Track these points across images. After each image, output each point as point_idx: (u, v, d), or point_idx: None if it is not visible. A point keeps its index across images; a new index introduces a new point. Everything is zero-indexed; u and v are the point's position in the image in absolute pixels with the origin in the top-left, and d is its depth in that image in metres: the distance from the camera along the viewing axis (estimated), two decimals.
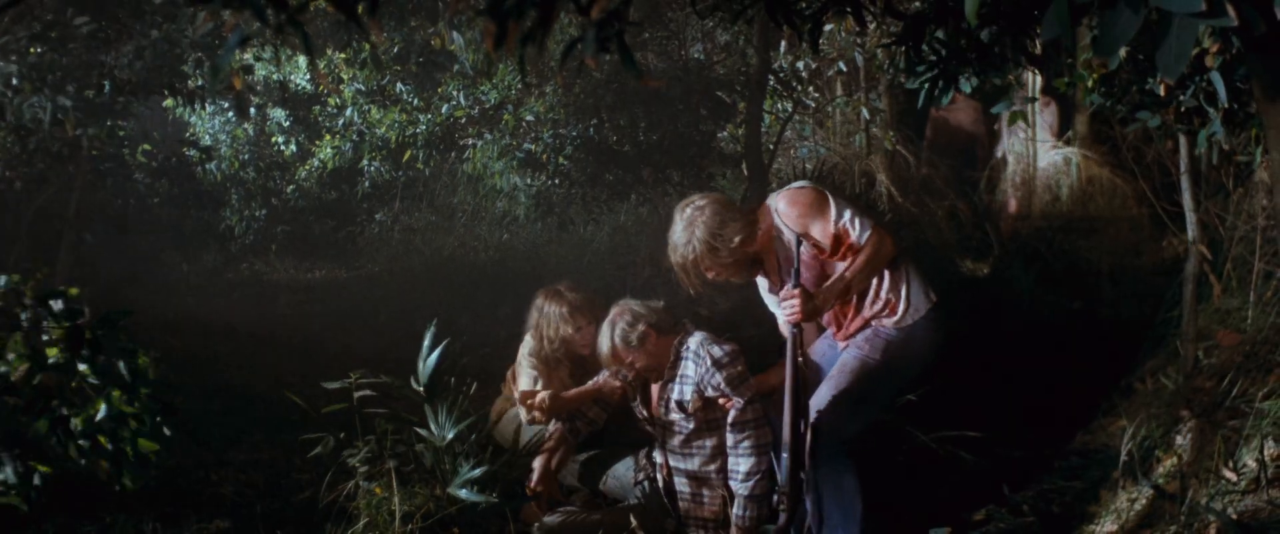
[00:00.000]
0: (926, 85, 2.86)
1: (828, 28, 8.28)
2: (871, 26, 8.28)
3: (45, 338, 4.02)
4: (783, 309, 3.71)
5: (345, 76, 11.82)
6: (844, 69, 9.14)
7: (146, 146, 7.23)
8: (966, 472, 5.00)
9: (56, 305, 3.95)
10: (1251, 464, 3.90)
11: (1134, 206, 9.51)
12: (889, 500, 4.78)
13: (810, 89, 9.30)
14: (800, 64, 8.58)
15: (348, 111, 11.69)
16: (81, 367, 4.04)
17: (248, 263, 10.81)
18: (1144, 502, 4.06)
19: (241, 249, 10.89)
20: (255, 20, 1.65)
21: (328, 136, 11.86)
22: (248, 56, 9.27)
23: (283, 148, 11.67)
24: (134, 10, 5.59)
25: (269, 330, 7.90)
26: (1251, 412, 4.00)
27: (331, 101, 11.80)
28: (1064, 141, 9.75)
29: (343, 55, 10.84)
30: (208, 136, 11.17)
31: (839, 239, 3.83)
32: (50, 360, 4.00)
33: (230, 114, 11.21)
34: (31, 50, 5.64)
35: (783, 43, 8.02)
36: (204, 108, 8.72)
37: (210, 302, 8.48)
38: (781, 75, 8.22)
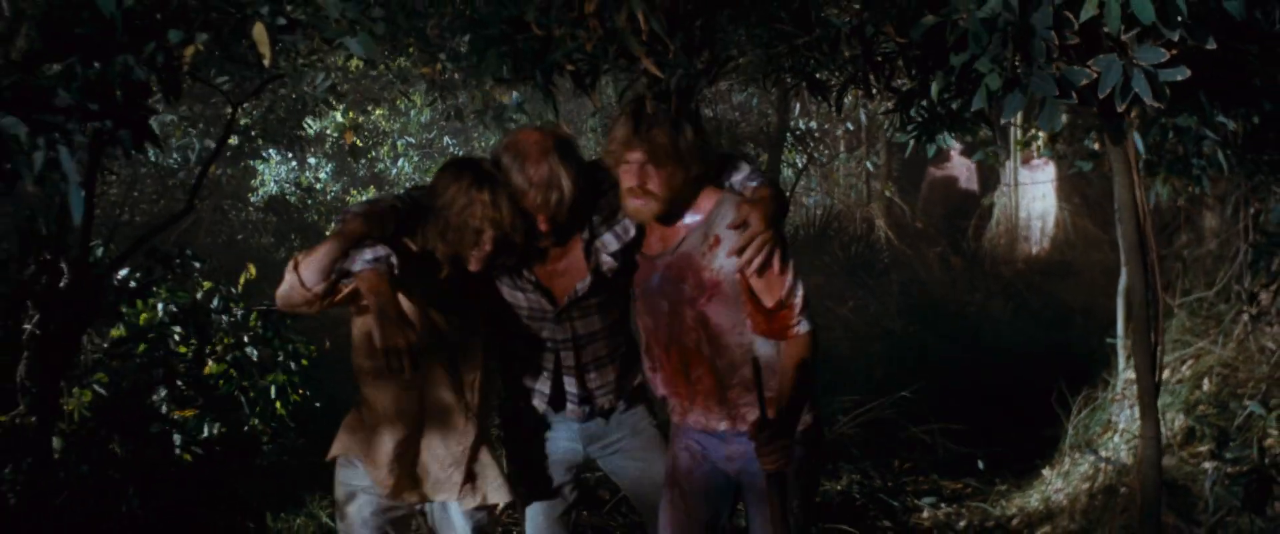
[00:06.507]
0: (912, 140, 4.06)
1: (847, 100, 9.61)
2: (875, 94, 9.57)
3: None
4: (767, 454, 2.63)
5: (387, 129, 13.10)
6: (851, 128, 10.42)
7: (263, 185, 8.47)
8: (949, 455, 6.16)
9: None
10: (1168, 434, 5.07)
11: (1107, 252, 10.71)
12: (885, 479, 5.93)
13: (820, 146, 10.59)
14: (812, 124, 9.86)
15: (399, 162, 13.00)
16: (252, 353, 5.33)
17: None
18: (1085, 465, 5.22)
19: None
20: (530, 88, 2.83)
21: (371, 188, 13.16)
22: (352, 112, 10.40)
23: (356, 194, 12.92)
24: (261, 69, 6.82)
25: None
26: (1170, 392, 5.19)
27: (385, 152, 13.10)
28: (1042, 195, 11.01)
29: (380, 111, 12.08)
30: (273, 183, 12.43)
31: (783, 305, 2.80)
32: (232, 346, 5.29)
33: (294, 163, 12.46)
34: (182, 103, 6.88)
35: (796, 104, 9.29)
36: (309, 156, 9.96)
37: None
38: (797, 133, 9.49)
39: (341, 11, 3.23)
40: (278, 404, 5.13)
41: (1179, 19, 2.44)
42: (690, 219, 2.86)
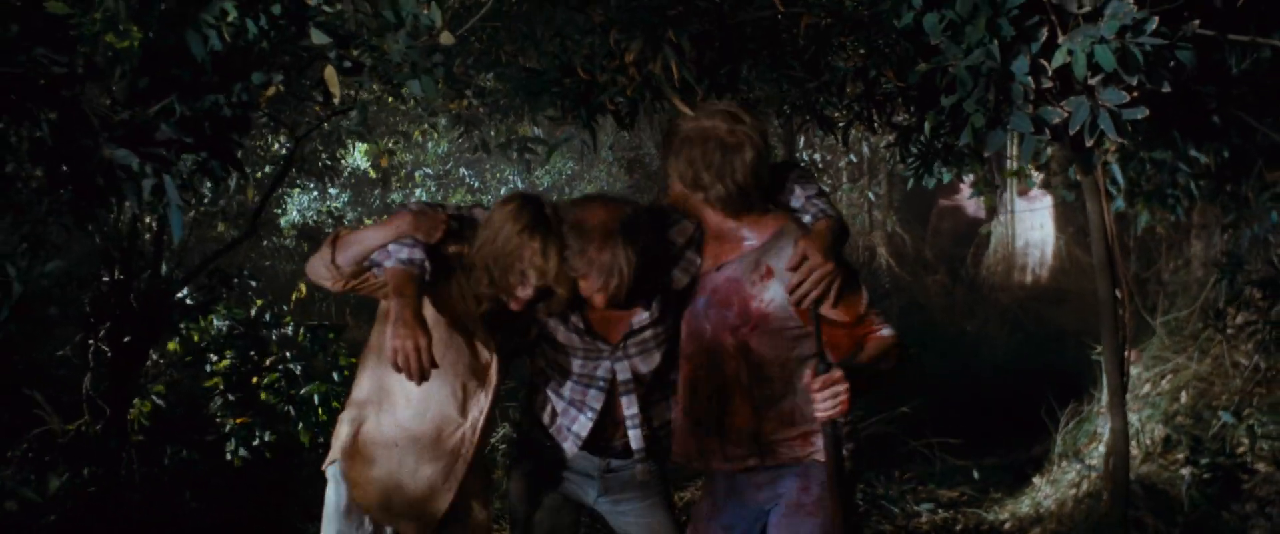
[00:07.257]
0: (912, 172, 4.48)
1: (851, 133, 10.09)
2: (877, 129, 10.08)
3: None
4: (823, 400, 2.52)
5: (401, 160, 13.54)
6: (854, 160, 10.86)
7: (284, 215, 8.89)
8: (947, 466, 6.54)
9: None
10: (1149, 442, 5.46)
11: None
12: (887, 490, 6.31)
13: (824, 177, 11.02)
14: (817, 155, 10.29)
15: (417, 193, 13.43)
16: (295, 368, 5.72)
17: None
18: (1072, 472, 5.60)
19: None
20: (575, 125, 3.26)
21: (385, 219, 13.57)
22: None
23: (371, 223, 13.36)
24: (328, 104, 7.21)
25: None
26: (1150, 404, 5.58)
27: (398, 181, 13.54)
28: (1039, 224, 11.43)
29: (392, 143, 12.52)
30: (296, 211, 12.85)
31: (862, 319, 2.76)
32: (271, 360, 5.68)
33: (315, 193, 12.89)
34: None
35: (801, 137, 9.71)
36: (332, 184, 10.41)
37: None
38: (802, 164, 9.93)
39: (404, 56, 3.65)
40: (320, 410, 5.52)
41: (1139, 66, 2.85)
42: (748, 241, 2.75)
